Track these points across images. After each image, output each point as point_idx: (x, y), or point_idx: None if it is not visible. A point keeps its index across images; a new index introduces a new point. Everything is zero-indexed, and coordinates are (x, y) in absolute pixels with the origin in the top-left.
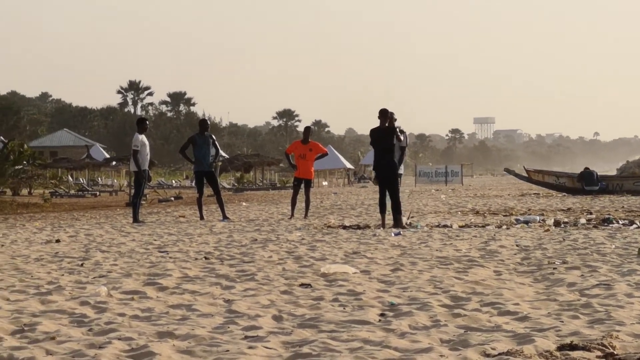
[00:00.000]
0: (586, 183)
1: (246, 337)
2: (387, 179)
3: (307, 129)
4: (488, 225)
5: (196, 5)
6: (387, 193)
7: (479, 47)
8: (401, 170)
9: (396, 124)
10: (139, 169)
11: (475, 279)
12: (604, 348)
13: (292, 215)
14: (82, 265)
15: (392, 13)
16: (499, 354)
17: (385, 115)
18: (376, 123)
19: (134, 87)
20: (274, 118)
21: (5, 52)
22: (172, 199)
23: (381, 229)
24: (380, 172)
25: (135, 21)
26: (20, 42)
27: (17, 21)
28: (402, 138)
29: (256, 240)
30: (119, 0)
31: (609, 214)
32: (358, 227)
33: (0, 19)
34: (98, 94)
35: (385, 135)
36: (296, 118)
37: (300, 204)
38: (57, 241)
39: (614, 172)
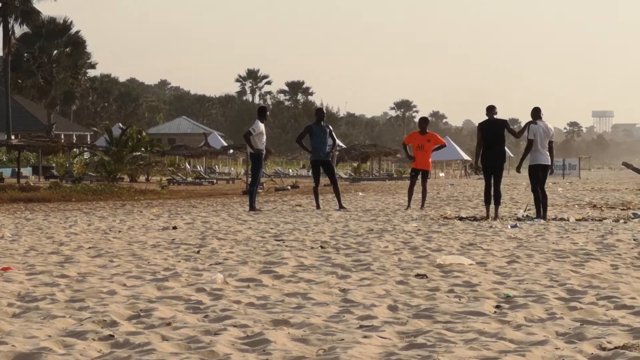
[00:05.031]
0: None
1: (361, 327)
2: (492, 170)
3: (424, 119)
4: (605, 219)
5: None
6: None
7: (600, 39)
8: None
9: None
10: (256, 148)
11: (592, 273)
12: None
13: (409, 205)
14: (198, 252)
15: (510, 9)
16: (615, 347)
17: (492, 109)
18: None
19: (253, 76)
20: (392, 108)
21: (125, 40)
22: (289, 187)
23: (487, 220)
24: (487, 162)
25: (254, 10)
26: (140, 30)
27: (137, 10)
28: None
29: (372, 230)
30: None
31: None
32: (474, 218)
33: (120, 8)
34: (216, 82)
35: (495, 127)
36: (414, 109)
37: (417, 195)
38: (174, 228)
39: None
